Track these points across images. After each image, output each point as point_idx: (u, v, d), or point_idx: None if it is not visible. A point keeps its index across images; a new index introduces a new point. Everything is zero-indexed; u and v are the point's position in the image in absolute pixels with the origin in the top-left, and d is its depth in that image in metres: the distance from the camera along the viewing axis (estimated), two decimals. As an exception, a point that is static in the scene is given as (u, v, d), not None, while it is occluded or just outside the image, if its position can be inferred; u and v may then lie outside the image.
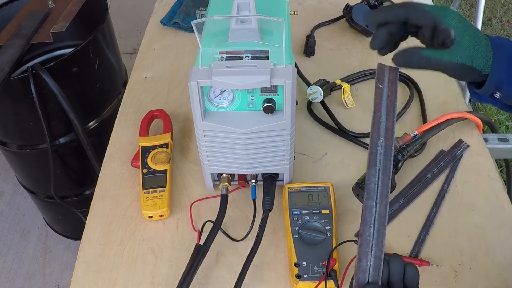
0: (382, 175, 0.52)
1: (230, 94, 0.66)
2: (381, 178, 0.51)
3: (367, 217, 0.50)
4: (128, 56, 2.38)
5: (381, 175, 0.52)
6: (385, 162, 0.52)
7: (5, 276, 1.68)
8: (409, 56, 0.56)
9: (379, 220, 0.49)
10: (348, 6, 1.12)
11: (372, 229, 0.49)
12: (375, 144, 0.53)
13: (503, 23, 2.81)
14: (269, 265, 0.70)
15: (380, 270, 0.48)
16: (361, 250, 0.48)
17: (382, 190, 0.51)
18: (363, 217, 0.50)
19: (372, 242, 0.49)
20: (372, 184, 0.51)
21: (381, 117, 0.55)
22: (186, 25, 1.15)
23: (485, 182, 0.80)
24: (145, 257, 0.72)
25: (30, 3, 1.31)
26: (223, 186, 0.74)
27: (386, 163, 0.52)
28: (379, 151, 0.53)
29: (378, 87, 0.58)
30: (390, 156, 0.53)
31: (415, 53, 0.56)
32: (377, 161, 0.52)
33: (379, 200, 0.50)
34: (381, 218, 0.49)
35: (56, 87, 1.13)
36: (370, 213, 0.50)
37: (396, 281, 0.48)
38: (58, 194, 1.36)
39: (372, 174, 0.52)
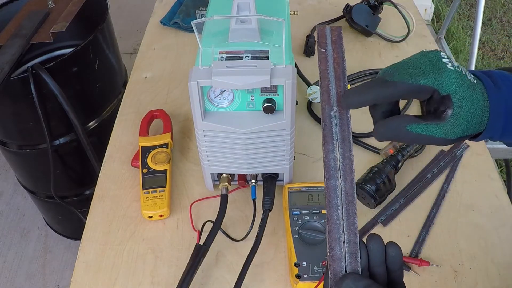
0: (341, 148, 0.46)
1: (230, 94, 0.66)
2: (342, 152, 0.45)
3: (332, 199, 0.44)
4: (128, 56, 2.38)
5: (340, 148, 0.46)
6: (343, 133, 0.46)
7: (5, 276, 1.68)
8: (394, 131, 0.46)
9: (346, 200, 0.44)
10: (348, 6, 1.12)
11: (340, 211, 0.43)
12: (327, 115, 0.47)
13: (503, 23, 2.81)
14: (269, 265, 0.70)
15: (358, 256, 0.42)
16: (331, 236, 0.43)
17: (345, 165, 0.45)
18: (328, 199, 0.44)
19: (343, 226, 0.43)
20: (331, 161, 0.45)
21: (330, 84, 0.49)
22: (186, 25, 1.15)
23: (485, 182, 0.80)
24: (145, 257, 0.72)
25: (30, 3, 1.31)
26: (223, 186, 0.74)
27: (344, 133, 0.46)
28: (334, 122, 0.47)
29: (321, 52, 0.51)
30: (347, 125, 0.47)
31: (401, 128, 0.46)
32: (333, 133, 0.46)
33: (343, 177, 0.44)
34: (348, 197, 0.44)
35: (56, 87, 1.13)
36: (335, 194, 0.44)
37: (377, 264, 0.43)
38: (58, 194, 1.36)
39: (329, 149, 0.46)
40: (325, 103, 0.48)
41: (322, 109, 0.47)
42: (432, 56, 0.45)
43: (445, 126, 0.45)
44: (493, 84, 0.46)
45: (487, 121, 0.46)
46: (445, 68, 0.44)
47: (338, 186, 0.44)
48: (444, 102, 0.44)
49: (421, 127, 0.45)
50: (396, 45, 1.08)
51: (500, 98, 0.45)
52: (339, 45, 0.51)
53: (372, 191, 0.74)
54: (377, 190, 0.74)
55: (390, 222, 0.75)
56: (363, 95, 0.46)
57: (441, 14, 2.78)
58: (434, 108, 0.46)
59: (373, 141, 0.86)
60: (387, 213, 0.76)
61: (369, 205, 0.76)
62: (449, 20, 2.34)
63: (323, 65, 0.50)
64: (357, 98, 0.47)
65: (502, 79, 0.47)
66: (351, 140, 0.46)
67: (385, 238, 0.72)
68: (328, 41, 0.52)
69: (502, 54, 2.60)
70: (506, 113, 0.45)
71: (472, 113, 0.44)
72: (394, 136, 0.47)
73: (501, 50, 2.62)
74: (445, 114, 0.44)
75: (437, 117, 0.45)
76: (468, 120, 0.45)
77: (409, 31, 1.08)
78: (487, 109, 0.45)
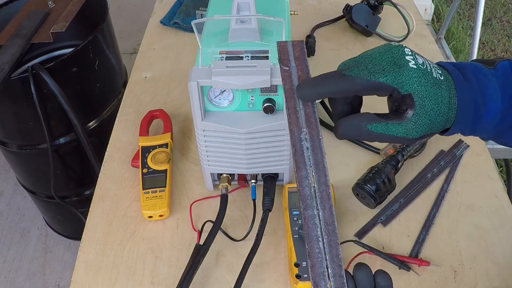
0: (316, 174, 0.42)
1: (230, 94, 0.66)
2: (316, 178, 0.42)
3: (311, 231, 0.40)
4: (128, 56, 2.38)
5: (314, 174, 0.42)
6: (316, 157, 0.43)
7: (5, 276, 1.68)
8: (354, 130, 0.45)
9: (327, 230, 0.40)
10: (348, 6, 1.12)
11: (321, 243, 0.40)
12: (297, 139, 0.44)
13: (503, 23, 2.81)
14: (269, 265, 0.70)
15: None
16: (314, 272, 0.39)
17: (321, 192, 0.41)
18: (306, 231, 0.40)
19: (326, 259, 0.39)
20: (306, 189, 0.41)
21: (297, 104, 0.45)
22: (186, 25, 1.15)
23: (485, 182, 0.80)
24: (145, 257, 0.72)
25: (30, 3, 1.31)
26: (223, 186, 0.74)
27: (317, 157, 0.43)
28: (305, 145, 0.43)
29: (284, 70, 0.47)
30: (320, 147, 0.43)
31: (361, 127, 0.44)
32: (306, 158, 0.43)
33: (321, 206, 0.41)
34: (328, 226, 0.40)
35: (56, 87, 1.13)
36: (314, 225, 0.40)
37: None
38: (58, 194, 1.36)
39: (303, 176, 0.42)
40: (293, 126, 0.44)
41: (291, 132, 0.44)
42: (395, 52, 0.43)
43: (407, 125, 0.43)
44: (463, 78, 0.45)
45: (454, 117, 0.44)
46: (406, 66, 0.42)
47: (316, 216, 0.41)
48: (405, 101, 0.43)
49: (381, 126, 0.44)
50: (396, 45, 1.08)
51: (470, 93, 0.44)
52: (303, 61, 0.48)
53: (372, 191, 0.74)
54: (377, 190, 0.74)
55: (390, 222, 0.75)
56: (317, 88, 0.44)
57: (441, 14, 2.78)
58: (396, 106, 0.44)
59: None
60: (387, 213, 0.76)
61: (369, 205, 0.76)
62: (449, 20, 2.34)
63: (288, 84, 0.46)
64: (310, 90, 0.44)
65: (474, 72, 0.45)
66: (325, 164, 0.43)
67: (385, 238, 0.73)
68: (291, 57, 0.48)
69: (502, 54, 2.60)
70: (475, 108, 0.44)
71: (436, 111, 0.43)
72: (355, 135, 0.45)
73: (501, 50, 2.62)
74: (406, 114, 0.43)
75: (398, 116, 0.43)
76: (432, 119, 0.43)
77: (409, 31, 1.08)
78: (455, 105, 0.44)
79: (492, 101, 0.45)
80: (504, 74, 0.46)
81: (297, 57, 0.48)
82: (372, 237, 0.73)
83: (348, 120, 0.45)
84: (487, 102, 0.44)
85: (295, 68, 0.47)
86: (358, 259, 0.69)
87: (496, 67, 0.47)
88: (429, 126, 0.43)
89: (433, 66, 0.44)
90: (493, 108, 0.45)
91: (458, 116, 0.44)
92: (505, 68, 0.47)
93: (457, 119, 0.44)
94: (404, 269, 0.68)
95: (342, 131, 0.45)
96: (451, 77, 0.45)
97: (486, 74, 0.45)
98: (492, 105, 0.45)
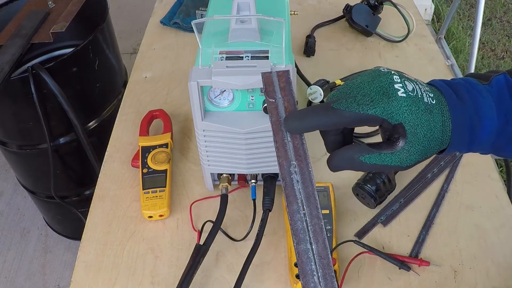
0: (307, 207, 0.42)
1: (230, 94, 0.66)
2: (308, 211, 0.42)
3: (305, 265, 0.40)
4: (128, 56, 2.38)
5: (306, 207, 0.42)
6: (307, 190, 0.42)
7: (5, 276, 1.68)
8: (347, 162, 0.44)
9: (321, 264, 0.40)
10: (348, 6, 1.12)
11: (316, 277, 0.40)
12: (287, 172, 0.43)
13: (503, 23, 2.81)
14: (269, 265, 0.70)
15: None
16: None
17: (314, 226, 0.41)
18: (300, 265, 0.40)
19: None
20: (298, 223, 0.41)
21: (285, 136, 0.45)
22: (186, 25, 1.15)
23: (485, 182, 0.80)
24: (145, 257, 0.72)
25: (30, 3, 1.31)
26: (223, 186, 0.74)
27: (308, 190, 0.42)
28: (295, 178, 0.43)
29: (270, 102, 0.47)
30: (310, 179, 0.43)
31: (354, 159, 0.43)
32: (296, 191, 0.43)
33: (314, 239, 0.41)
34: (323, 260, 0.40)
35: (56, 87, 1.13)
36: (308, 259, 0.40)
37: None
38: (58, 194, 1.36)
39: (294, 210, 0.42)
40: (282, 159, 0.44)
41: (280, 166, 0.44)
42: (384, 81, 0.42)
43: (400, 154, 0.42)
44: (457, 98, 0.44)
45: (449, 139, 0.43)
46: (395, 96, 0.41)
47: (310, 250, 0.41)
48: (397, 131, 0.42)
49: (374, 157, 0.43)
50: (396, 45, 1.08)
51: (464, 113, 0.43)
52: (289, 92, 0.47)
53: (372, 191, 0.74)
54: (377, 190, 0.74)
55: (390, 222, 0.75)
56: (304, 121, 0.43)
57: (441, 14, 2.78)
58: (387, 135, 0.44)
59: (373, 141, 0.86)
60: (387, 213, 0.76)
61: (369, 205, 0.76)
62: (449, 20, 2.34)
63: (274, 116, 0.46)
64: (297, 123, 0.44)
65: (468, 89, 0.44)
66: (316, 196, 0.42)
67: (385, 238, 0.73)
68: (276, 88, 0.48)
69: (502, 54, 2.60)
70: (470, 128, 0.43)
71: (429, 137, 0.42)
72: (348, 167, 0.44)
73: (501, 50, 2.62)
74: (398, 143, 0.42)
75: (390, 145, 0.43)
76: (425, 145, 0.42)
77: (409, 31, 1.08)
78: (449, 127, 0.43)
79: (487, 119, 0.44)
80: (499, 90, 0.45)
81: (282, 88, 0.48)
82: (372, 237, 0.73)
83: (341, 153, 0.44)
84: (483, 121, 0.43)
85: (281, 99, 0.47)
86: (358, 259, 0.69)
87: (491, 82, 0.46)
88: (423, 152, 0.43)
89: (424, 90, 0.43)
90: (489, 126, 0.44)
91: (453, 138, 0.43)
92: (500, 83, 0.45)
93: (452, 141, 0.44)
94: (404, 269, 0.68)
95: (335, 164, 0.45)
96: (444, 97, 0.44)
97: (481, 90, 0.44)
98: (487, 123, 0.44)
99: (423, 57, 1.05)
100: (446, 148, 0.44)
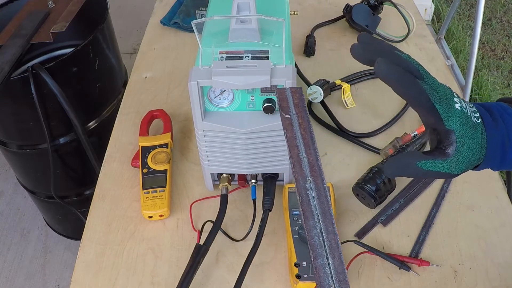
0: (323, 223, 0.43)
1: (230, 94, 0.66)
2: (324, 227, 0.43)
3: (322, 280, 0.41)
4: (128, 56, 2.38)
5: (322, 223, 0.43)
6: (322, 206, 0.44)
7: (5, 276, 1.68)
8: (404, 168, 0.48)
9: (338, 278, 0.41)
10: (348, 6, 1.12)
11: None
12: (302, 187, 0.44)
13: (503, 23, 2.81)
14: (269, 265, 0.70)
15: None
16: None
17: (330, 241, 0.42)
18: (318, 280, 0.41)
19: None
20: (315, 238, 0.42)
21: (300, 152, 0.47)
22: (186, 25, 1.15)
23: (485, 182, 0.80)
24: (145, 257, 0.72)
25: (30, 3, 1.31)
26: (223, 186, 0.74)
27: (324, 206, 0.44)
28: (310, 194, 0.44)
29: (285, 118, 0.49)
30: (325, 196, 0.44)
31: (410, 165, 0.47)
32: (312, 207, 0.44)
33: (330, 254, 0.42)
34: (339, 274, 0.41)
35: (56, 87, 1.13)
36: (325, 273, 0.41)
37: None
38: (58, 194, 1.36)
39: (311, 226, 0.43)
40: (298, 175, 0.45)
41: (296, 181, 0.45)
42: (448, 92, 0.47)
43: (451, 162, 0.47)
44: (491, 120, 0.49)
45: (484, 156, 0.48)
46: (454, 106, 0.47)
47: (327, 265, 0.41)
48: (448, 137, 0.47)
49: (430, 164, 0.47)
50: (396, 45, 1.08)
51: (497, 134, 0.48)
52: (302, 108, 0.50)
53: (372, 191, 0.74)
54: (377, 190, 0.74)
55: (390, 222, 0.75)
56: (396, 73, 0.45)
57: (441, 14, 2.78)
58: (437, 142, 0.48)
59: (373, 141, 0.86)
60: (387, 213, 0.76)
61: (369, 205, 0.76)
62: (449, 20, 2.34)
63: (289, 132, 0.48)
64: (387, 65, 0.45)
65: (500, 112, 0.49)
66: (331, 212, 0.44)
67: (385, 238, 0.73)
68: (291, 104, 0.50)
69: (502, 54, 2.60)
70: (502, 147, 0.48)
71: (473, 150, 0.47)
72: (404, 173, 0.48)
73: (501, 50, 2.62)
74: (449, 150, 0.47)
75: (441, 153, 0.47)
76: (470, 157, 0.47)
77: (409, 31, 1.08)
78: (485, 145, 0.48)
79: None
80: None
81: (296, 104, 0.50)
82: (372, 237, 0.73)
83: (398, 159, 0.48)
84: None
85: (296, 115, 0.49)
86: (358, 259, 0.69)
87: None
88: (468, 163, 0.47)
89: (472, 111, 0.48)
90: None
91: (487, 155, 0.48)
92: None
93: (486, 157, 0.48)
94: (404, 269, 0.68)
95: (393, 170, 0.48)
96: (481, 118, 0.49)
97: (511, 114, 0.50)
98: None
99: (423, 57, 1.05)
100: (479, 165, 0.49)
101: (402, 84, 0.45)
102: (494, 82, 2.40)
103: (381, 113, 0.91)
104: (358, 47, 0.47)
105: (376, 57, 0.45)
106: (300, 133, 0.48)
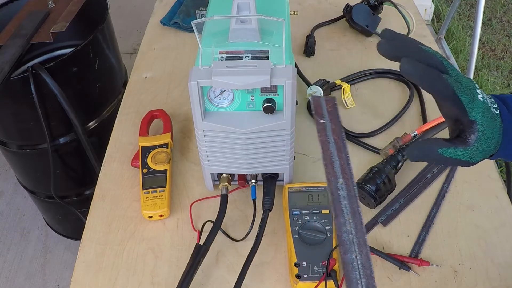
0: (353, 221, 0.46)
1: (230, 94, 0.66)
2: (354, 225, 0.46)
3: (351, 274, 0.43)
4: (128, 56, 2.38)
5: (352, 221, 0.46)
6: (352, 205, 0.47)
7: (5, 276, 1.68)
8: (426, 153, 0.50)
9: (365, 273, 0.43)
10: (348, 6, 1.12)
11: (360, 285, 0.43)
12: (334, 188, 0.47)
13: (503, 23, 2.81)
14: (269, 265, 0.70)
15: None
16: None
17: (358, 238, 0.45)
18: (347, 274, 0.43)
19: None
20: (345, 235, 0.45)
21: (333, 155, 0.50)
22: (186, 25, 1.15)
23: (485, 182, 0.80)
24: (145, 257, 0.72)
25: (30, 3, 1.31)
26: (223, 186, 0.74)
27: (353, 205, 0.47)
28: (342, 194, 0.47)
29: (319, 123, 0.52)
30: (354, 197, 0.47)
31: (433, 150, 0.49)
32: (343, 206, 0.46)
33: (359, 251, 0.44)
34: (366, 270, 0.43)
35: (56, 87, 1.13)
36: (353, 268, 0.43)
37: None
38: (58, 194, 1.36)
39: (341, 223, 0.45)
40: (330, 176, 0.48)
41: (328, 182, 0.48)
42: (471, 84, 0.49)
43: (471, 150, 0.49)
44: (507, 111, 0.50)
45: (500, 145, 0.50)
46: (477, 97, 0.48)
47: (355, 260, 0.44)
48: (471, 127, 0.48)
49: (451, 151, 0.49)
50: (396, 45, 1.08)
51: None
52: (335, 116, 0.53)
53: (372, 191, 0.74)
54: (377, 190, 0.74)
55: (390, 222, 0.75)
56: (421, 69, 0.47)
57: (441, 14, 2.78)
58: (459, 131, 0.50)
59: (373, 141, 0.86)
60: (387, 213, 0.76)
61: (369, 205, 0.76)
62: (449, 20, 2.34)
63: (323, 136, 0.51)
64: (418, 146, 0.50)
65: None
66: (360, 213, 0.46)
67: (385, 238, 0.73)
68: (325, 112, 0.53)
69: (502, 54, 2.60)
70: None
71: (491, 140, 0.49)
72: (426, 157, 0.50)
73: (501, 50, 2.62)
74: (470, 139, 0.48)
75: (462, 141, 0.49)
76: (489, 146, 0.49)
77: (409, 31, 1.08)
78: (502, 135, 0.50)
79: None
80: None
81: (330, 111, 0.53)
82: (372, 237, 0.73)
83: (421, 144, 0.50)
84: None
85: (329, 121, 0.52)
86: (358, 259, 0.69)
87: None
88: (486, 152, 0.49)
89: (491, 102, 0.50)
90: None
91: (503, 144, 0.50)
92: None
93: (502, 146, 0.50)
94: (404, 269, 0.68)
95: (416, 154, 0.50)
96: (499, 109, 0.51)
97: None
98: None
99: (423, 57, 1.05)
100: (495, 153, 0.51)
101: (427, 80, 0.47)
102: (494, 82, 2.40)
103: (381, 113, 0.91)
104: (384, 43, 0.50)
105: (402, 53, 0.47)
106: (333, 137, 0.51)
